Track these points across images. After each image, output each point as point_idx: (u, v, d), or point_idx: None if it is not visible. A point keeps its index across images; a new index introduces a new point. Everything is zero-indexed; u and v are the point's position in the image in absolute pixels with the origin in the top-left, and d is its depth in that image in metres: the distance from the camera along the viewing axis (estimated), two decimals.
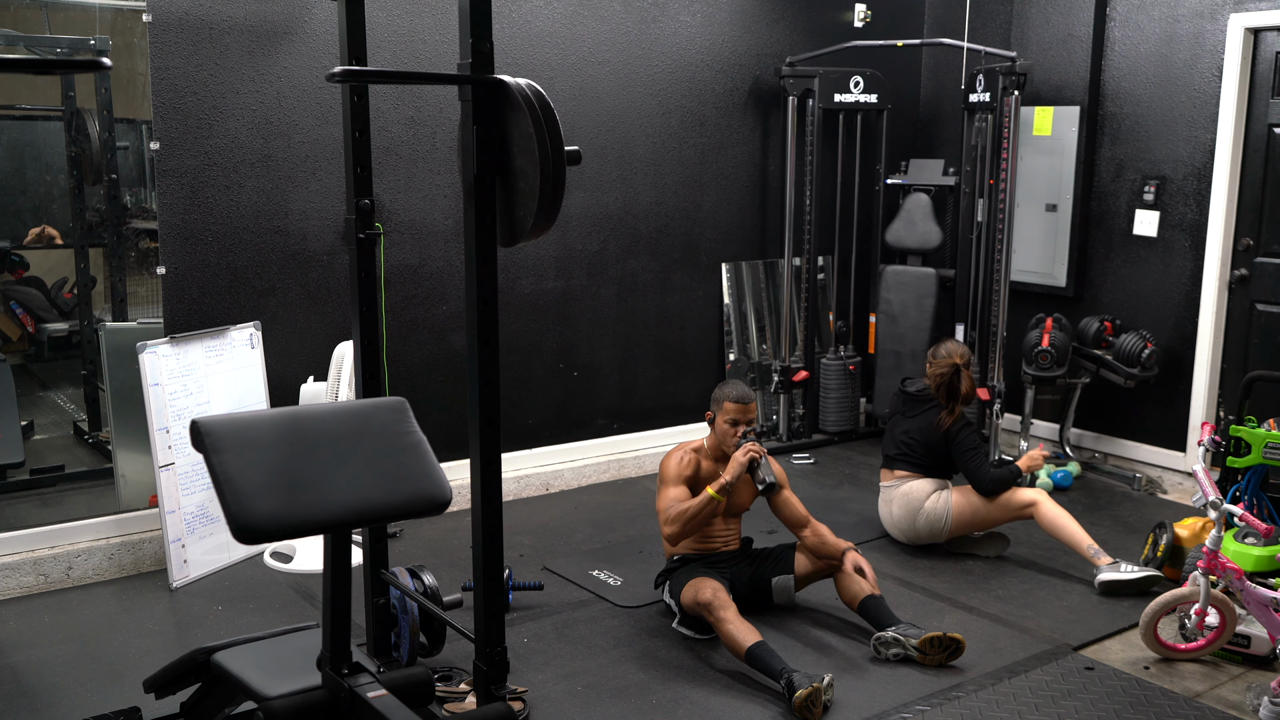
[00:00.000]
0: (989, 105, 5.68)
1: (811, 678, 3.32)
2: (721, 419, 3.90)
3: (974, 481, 4.48)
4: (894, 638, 3.62)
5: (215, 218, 4.44)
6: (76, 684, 3.41)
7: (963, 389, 4.53)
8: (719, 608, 3.57)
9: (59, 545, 4.19)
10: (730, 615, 3.55)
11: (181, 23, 4.27)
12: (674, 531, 3.78)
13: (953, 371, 4.53)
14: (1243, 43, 5.13)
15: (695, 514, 3.74)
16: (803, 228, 6.00)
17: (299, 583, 4.22)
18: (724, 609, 3.57)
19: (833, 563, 3.86)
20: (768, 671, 3.42)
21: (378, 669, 2.78)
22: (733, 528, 4.02)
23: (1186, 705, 3.39)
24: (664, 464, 3.93)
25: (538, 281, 5.31)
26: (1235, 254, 5.30)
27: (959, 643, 3.59)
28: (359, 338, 3.07)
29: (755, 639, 3.48)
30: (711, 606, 3.59)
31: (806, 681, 3.29)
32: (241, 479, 2.31)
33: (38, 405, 5.04)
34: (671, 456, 3.92)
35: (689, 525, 3.76)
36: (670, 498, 3.83)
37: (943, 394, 4.55)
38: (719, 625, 3.56)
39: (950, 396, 4.54)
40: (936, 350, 4.62)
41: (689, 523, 3.75)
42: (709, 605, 3.60)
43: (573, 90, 5.26)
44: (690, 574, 3.81)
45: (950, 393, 4.54)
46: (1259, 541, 4.04)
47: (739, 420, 3.88)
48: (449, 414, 5.00)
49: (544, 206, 2.35)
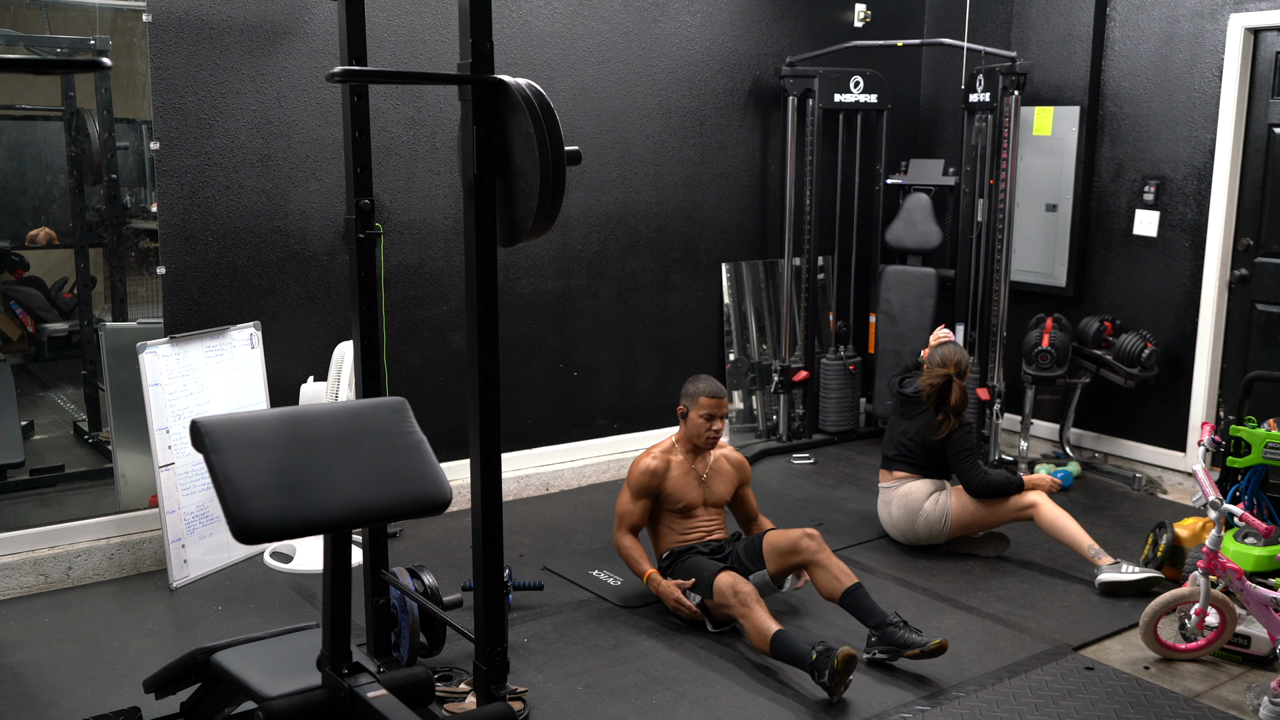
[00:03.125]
0: (989, 105, 5.68)
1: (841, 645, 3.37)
2: (696, 413, 4.02)
3: (965, 482, 4.48)
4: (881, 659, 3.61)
5: (215, 218, 4.44)
6: (76, 684, 3.41)
7: (953, 400, 4.48)
8: (752, 600, 3.62)
9: (59, 545, 4.19)
10: (759, 609, 3.60)
11: (181, 23, 4.27)
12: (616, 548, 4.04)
13: (944, 382, 4.49)
14: (1243, 43, 5.13)
15: (629, 564, 4.00)
16: (803, 228, 6.00)
17: (299, 583, 4.22)
18: (756, 603, 3.62)
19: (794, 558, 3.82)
20: (794, 655, 3.44)
21: (378, 669, 2.78)
22: (715, 517, 4.11)
23: (1186, 705, 3.39)
24: (632, 468, 4.06)
25: (538, 281, 5.31)
26: (1235, 254, 5.30)
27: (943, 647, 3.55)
28: (359, 338, 3.07)
29: (777, 627, 3.53)
30: (747, 599, 3.63)
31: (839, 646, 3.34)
32: (241, 479, 2.31)
33: (38, 405, 5.04)
34: (639, 463, 4.04)
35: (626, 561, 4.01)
36: (624, 510, 4.02)
37: (932, 403, 4.52)
38: (746, 618, 3.60)
39: (939, 406, 4.51)
40: (933, 355, 4.57)
41: (621, 557, 4.03)
42: (744, 599, 3.63)
43: (573, 90, 5.26)
44: (695, 566, 3.87)
45: (939, 402, 4.50)
46: (1259, 541, 4.04)
47: (714, 415, 4.01)
48: (449, 414, 5.00)
49: (544, 206, 2.36)
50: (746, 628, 3.60)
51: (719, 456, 4.14)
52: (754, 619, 3.56)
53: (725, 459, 4.16)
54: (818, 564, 3.74)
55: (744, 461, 4.21)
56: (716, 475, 4.10)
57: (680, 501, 4.01)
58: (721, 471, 4.12)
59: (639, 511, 4.00)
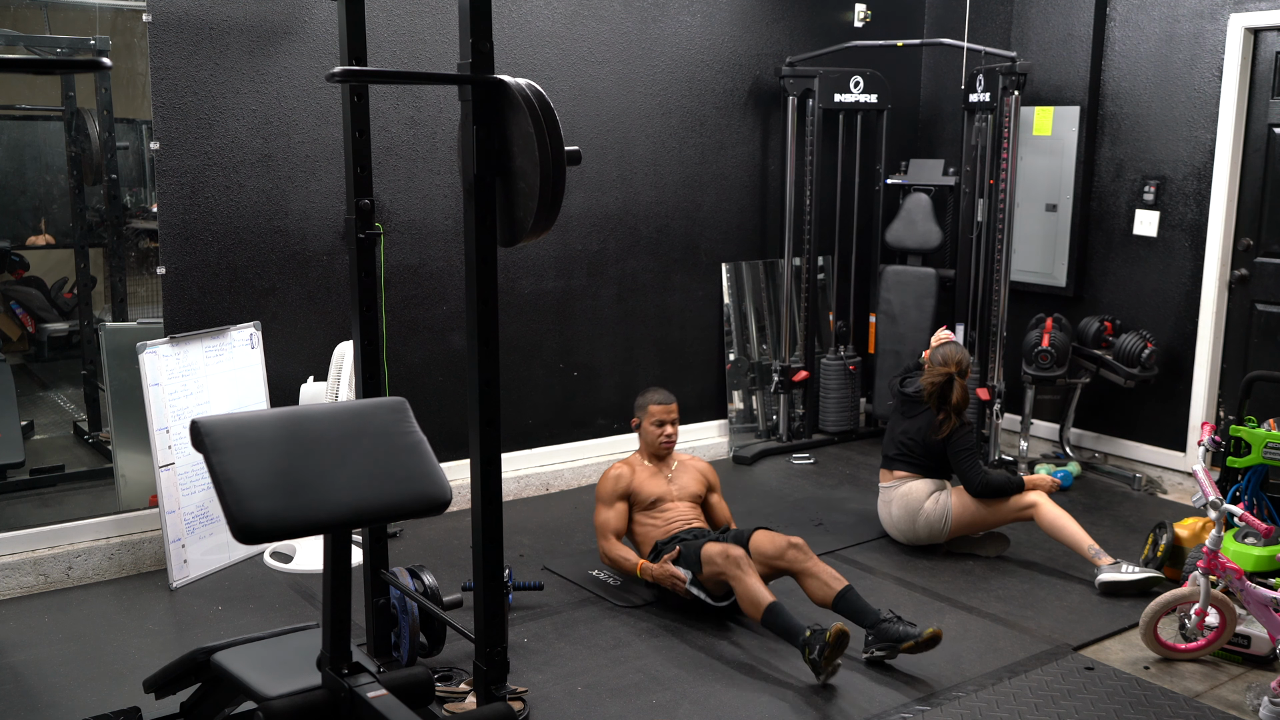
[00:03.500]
0: (989, 105, 5.68)
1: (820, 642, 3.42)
2: (648, 422, 4.24)
3: (965, 482, 4.48)
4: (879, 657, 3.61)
5: (215, 218, 4.44)
6: (76, 684, 3.41)
7: (954, 399, 4.48)
8: (746, 565, 3.68)
9: (59, 545, 4.19)
10: (753, 575, 3.66)
11: (181, 23, 4.27)
12: (605, 562, 4.13)
13: (945, 381, 4.49)
14: (1243, 43, 5.13)
15: (619, 567, 4.09)
16: (803, 228, 6.00)
17: (299, 583, 4.22)
18: (750, 568, 3.67)
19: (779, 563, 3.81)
20: (787, 629, 3.51)
21: (378, 669, 2.78)
22: (692, 510, 4.20)
23: (1186, 705, 3.39)
24: (599, 484, 4.20)
25: (538, 281, 5.31)
26: (1235, 254, 5.30)
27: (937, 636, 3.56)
28: (359, 338, 3.07)
29: (773, 599, 3.58)
30: (740, 563, 3.68)
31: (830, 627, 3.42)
32: (241, 479, 2.31)
33: (38, 405, 5.04)
34: (606, 476, 4.19)
35: (613, 566, 4.11)
36: (602, 519, 4.13)
37: (934, 401, 4.52)
38: (740, 581, 3.64)
39: (940, 405, 4.52)
40: (934, 355, 4.57)
41: (612, 565, 4.11)
42: (737, 560, 3.68)
43: (573, 90, 5.26)
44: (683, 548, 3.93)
45: (941, 401, 4.51)
46: (1259, 541, 4.04)
47: (664, 420, 4.21)
48: (449, 414, 5.00)
49: (544, 206, 2.35)
50: (739, 591, 3.65)
51: (684, 460, 4.32)
52: (748, 583, 3.63)
53: (691, 462, 4.34)
54: (806, 573, 3.75)
55: (710, 468, 4.38)
56: (683, 471, 4.27)
57: (651, 495, 4.13)
58: (688, 469, 4.29)
59: (616, 516, 4.13)
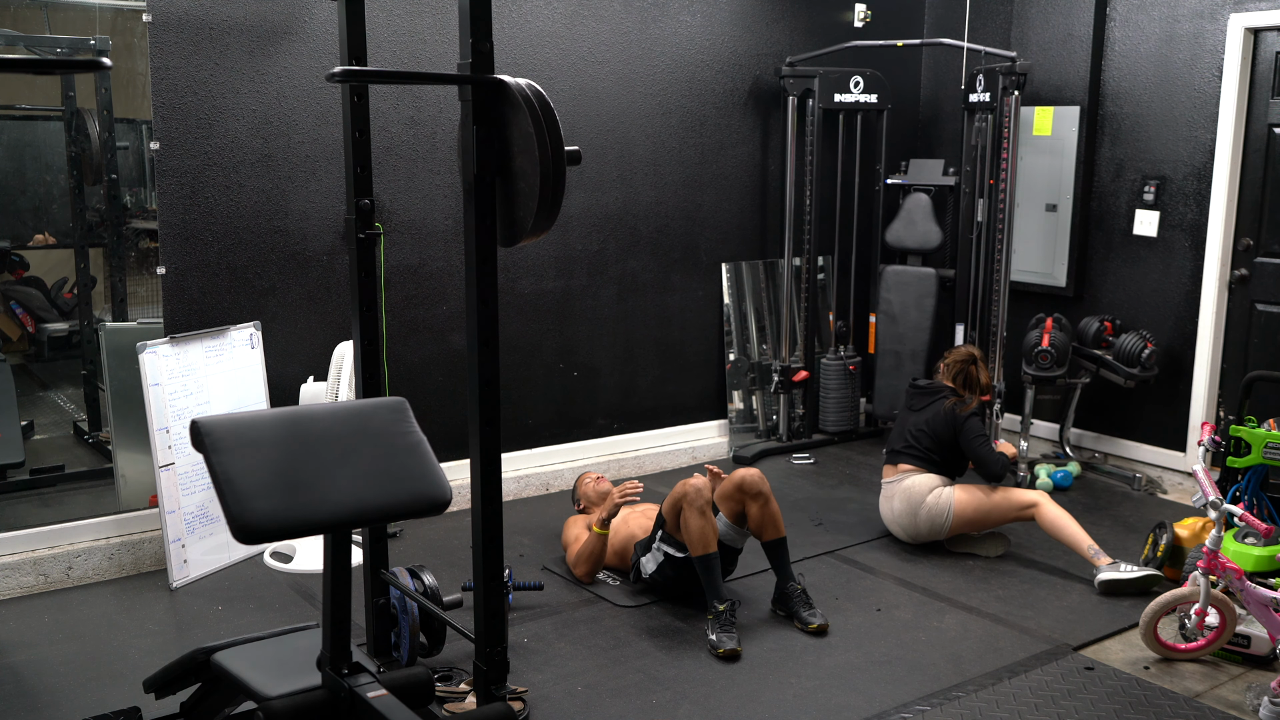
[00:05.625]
0: (989, 105, 5.68)
1: (732, 639, 3.64)
2: (582, 491, 4.51)
3: (983, 467, 4.51)
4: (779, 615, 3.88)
5: (215, 218, 4.44)
6: (76, 684, 3.42)
7: (982, 379, 4.69)
8: (699, 501, 3.76)
9: (59, 545, 4.19)
10: (705, 513, 3.76)
11: (181, 23, 4.27)
12: (587, 570, 4.18)
13: (969, 360, 4.70)
14: (1243, 43, 5.13)
15: (590, 551, 4.15)
16: (803, 228, 6.00)
17: (299, 583, 4.22)
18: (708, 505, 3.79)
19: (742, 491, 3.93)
20: (712, 586, 3.75)
21: (378, 669, 2.78)
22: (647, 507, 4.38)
23: (1186, 705, 3.39)
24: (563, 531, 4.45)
25: (538, 281, 5.31)
26: (1235, 254, 5.30)
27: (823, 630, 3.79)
28: (359, 338, 3.07)
29: (713, 549, 3.76)
30: (689, 498, 3.77)
31: (730, 642, 3.63)
32: (241, 479, 2.31)
33: (38, 405, 5.04)
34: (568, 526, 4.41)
35: (591, 561, 4.17)
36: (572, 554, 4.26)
37: (959, 383, 4.68)
38: (688, 515, 3.76)
39: (967, 387, 4.67)
40: (948, 355, 4.81)
41: (589, 559, 4.16)
42: (701, 492, 3.77)
43: (573, 90, 5.26)
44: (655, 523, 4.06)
45: (967, 383, 4.68)
46: (1259, 541, 4.04)
47: (602, 488, 4.42)
48: (449, 414, 5.00)
49: (544, 206, 2.36)
50: (691, 524, 3.75)
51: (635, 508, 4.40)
52: (702, 521, 3.74)
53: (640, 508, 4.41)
54: (762, 502, 3.90)
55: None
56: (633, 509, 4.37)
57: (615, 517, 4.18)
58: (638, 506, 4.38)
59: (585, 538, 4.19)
